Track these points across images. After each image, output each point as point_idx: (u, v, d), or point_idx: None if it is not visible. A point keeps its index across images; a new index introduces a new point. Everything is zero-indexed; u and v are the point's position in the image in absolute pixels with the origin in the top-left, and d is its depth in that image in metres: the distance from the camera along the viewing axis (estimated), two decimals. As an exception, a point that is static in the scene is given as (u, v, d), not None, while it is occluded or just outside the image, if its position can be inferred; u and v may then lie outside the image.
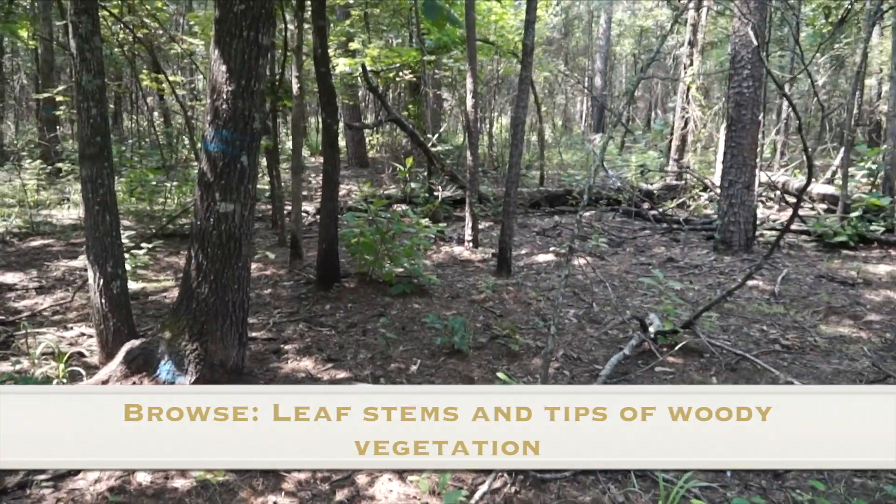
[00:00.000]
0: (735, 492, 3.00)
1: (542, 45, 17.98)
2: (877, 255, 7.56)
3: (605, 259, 7.36)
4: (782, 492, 3.00)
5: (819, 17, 14.48)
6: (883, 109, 13.40)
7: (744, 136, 7.39)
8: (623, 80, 27.04)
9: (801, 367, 4.46)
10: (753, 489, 3.03)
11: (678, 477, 2.93)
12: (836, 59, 16.17)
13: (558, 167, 14.06)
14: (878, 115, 15.00)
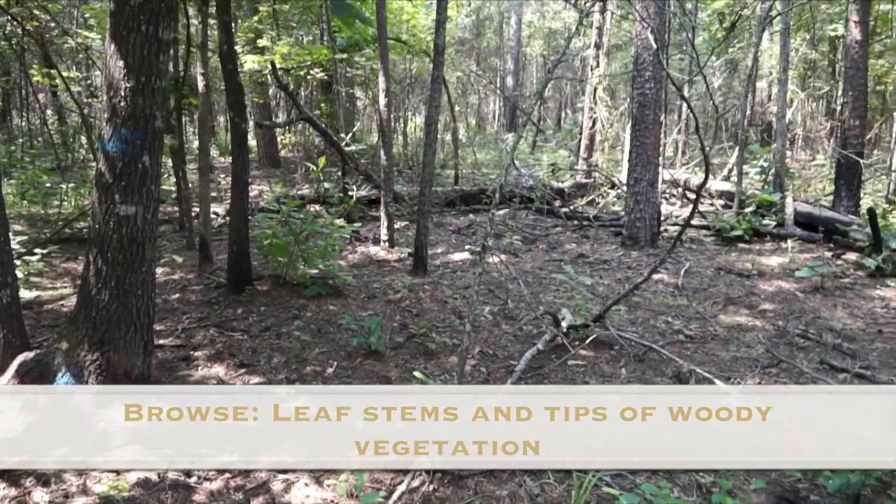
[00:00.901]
0: (643, 477, 3.12)
1: (455, 45, 18.14)
2: (769, 248, 8.06)
3: (519, 256, 7.51)
4: (687, 475, 3.15)
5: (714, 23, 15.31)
6: (773, 110, 14.29)
7: (647, 136, 7.71)
8: (534, 81, 27.65)
9: (703, 356, 4.69)
10: (660, 474, 3.16)
11: (588, 469, 3.02)
12: (731, 63, 17.14)
13: (473, 166, 14.21)
14: (769, 115, 15.98)
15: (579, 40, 18.53)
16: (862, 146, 9.41)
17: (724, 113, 14.88)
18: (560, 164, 12.00)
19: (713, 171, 12.66)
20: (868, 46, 9.85)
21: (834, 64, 15.86)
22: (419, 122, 16.37)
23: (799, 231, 8.27)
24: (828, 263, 7.09)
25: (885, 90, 15.88)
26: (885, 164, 12.15)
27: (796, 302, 5.97)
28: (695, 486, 3.05)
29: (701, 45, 14.38)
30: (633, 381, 4.21)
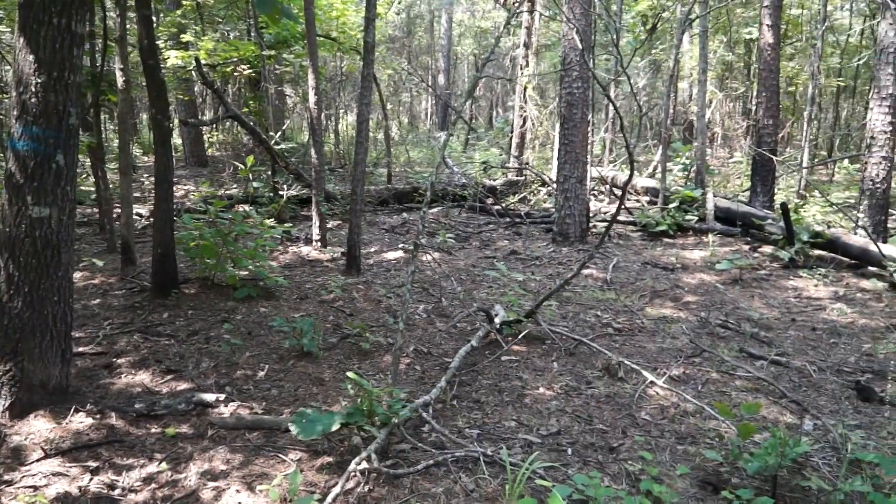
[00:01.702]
0: (575, 468, 3.19)
1: (385, 42, 18.05)
2: (692, 242, 8.38)
3: (453, 254, 7.55)
4: (616, 464, 3.24)
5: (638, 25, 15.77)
6: (694, 110, 14.86)
7: (575, 134, 7.87)
8: (465, 79, 27.83)
9: (631, 348, 4.84)
10: (591, 464, 3.24)
11: (524, 460, 3.07)
12: (654, 64, 17.71)
13: (405, 165, 14.20)
14: (690, 115, 16.60)
15: (509, 40, 18.77)
16: (775, 144, 9.90)
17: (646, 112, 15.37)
18: (492, 162, 12.13)
19: (639, 168, 13.07)
20: (780, 49, 10.36)
21: (749, 66, 16.60)
22: (351, 120, 16.22)
23: (719, 226, 8.63)
24: (745, 256, 7.43)
25: (796, 91, 16.75)
26: (797, 161, 12.81)
27: (717, 294, 6.23)
28: (624, 475, 3.14)
29: (626, 47, 14.80)
30: (564, 375, 4.30)
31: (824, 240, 7.21)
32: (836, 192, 11.47)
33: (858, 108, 16.71)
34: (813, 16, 15.56)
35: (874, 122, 7.68)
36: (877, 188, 7.69)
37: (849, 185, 12.14)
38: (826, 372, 4.46)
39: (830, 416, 3.82)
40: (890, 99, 7.56)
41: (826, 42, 15.36)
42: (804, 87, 15.01)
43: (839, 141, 17.42)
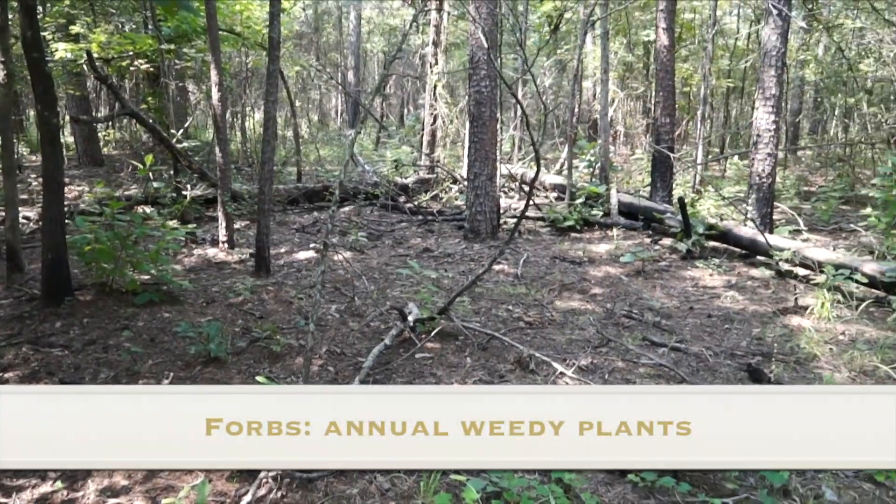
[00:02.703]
0: (489, 461, 3.24)
1: (292, 38, 17.69)
2: (598, 236, 8.69)
3: (365, 252, 7.49)
4: (529, 454, 3.31)
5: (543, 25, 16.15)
6: (597, 108, 15.39)
7: (484, 132, 7.99)
8: (375, 77, 27.67)
9: (541, 341, 4.96)
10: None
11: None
12: (559, 63, 18.22)
13: (316, 163, 13.97)
14: (594, 113, 17.19)
15: (418, 38, 18.81)
16: (673, 142, 10.40)
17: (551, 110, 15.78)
18: (403, 160, 12.12)
19: (547, 165, 13.42)
20: (675, 51, 10.89)
21: (648, 67, 17.36)
22: (258, 117, 15.79)
23: (623, 220, 8.99)
24: (647, 249, 7.77)
25: (691, 91, 17.66)
26: (692, 157, 13.51)
27: (622, 285, 6.48)
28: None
29: (532, 46, 15.14)
30: (478, 369, 4.36)
31: (718, 232, 7.64)
32: (727, 186, 12.16)
33: (746, 107, 17.79)
34: (704, 20, 16.44)
35: (760, 121, 8.20)
36: (763, 182, 8.21)
37: (739, 179, 12.91)
38: (721, 356, 4.73)
39: (725, 398, 4.05)
40: (773, 99, 8.09)
41: (716, 45, 16.26)
42: (698, 87, 15.83)
43: (730, 138, 18.51)
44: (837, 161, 15.87)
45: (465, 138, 11.03)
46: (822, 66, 17.07)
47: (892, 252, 6.95)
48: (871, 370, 4.51)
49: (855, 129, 18.12)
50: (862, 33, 16.49)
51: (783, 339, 5.11)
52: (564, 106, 16.25)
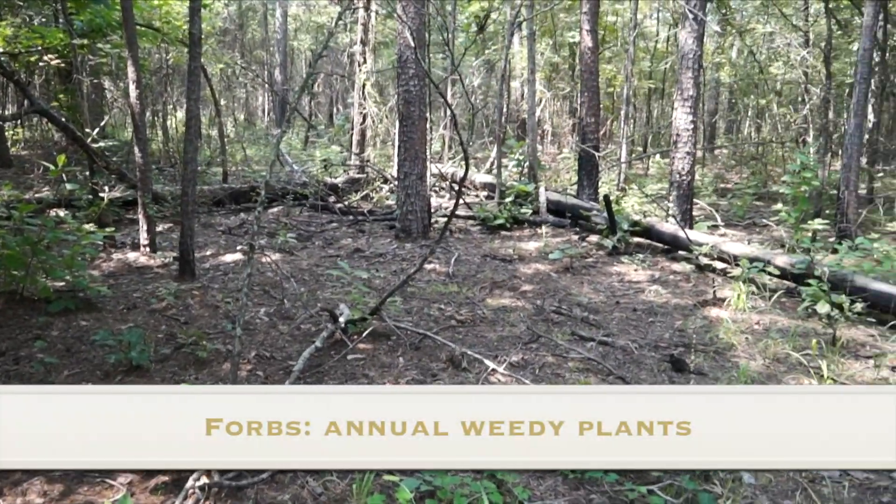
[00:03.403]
0: (423, 460, 3.24)
1: (216, 35, 17.21)
2: (527, 234, 8.82)
3: (295, 254, 7.37)
4: (462, 452, 3.33)
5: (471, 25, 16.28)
6: (525, 108, 15.64)
7: (414, 132, 7.98)
8: (303, 75, 27.23)
9: (473, 338, 5.00)
10: (438, 454, 3.30)
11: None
12: (488, 63, 18.41)
13: (242, 163, 13.63)
14: (523, 113, 17.45)
15: (346, 36, 18.62)
16: (598, 141, 10.67)
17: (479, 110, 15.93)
18: (333, 160, 11.98)
19: (477, 164, 13.54)
20: (599, 53, 11.17)
21: (573, 68, 17.76)
22: (181, 116, 15.27)
23: (551, 218, 9.16)
24: (575, 246, 7.95)
25: (614, 91, 18.17)
26: (617, 156, 13.91)
27: (551, 282, 6.61)
28: (469, 462, 3.24)
29: (461, 46, 15.23)
30: (410, 369, 4.36)
31: (642, 228, 7.89)
32: (650, 184, 12.59)
33: (667, 108, 18.45)
34: (626, 23, 16.94)
35: (679, 121, 8.52)
36: (683, 180, 8.54)
37: (661, 177, 13.39)
38: (645, 348, 4.89)
39: (650, 389, 4.19)
40: (691, 100, 8.42)
41: (638, 47, 16.79)
42: (621, 88, 16.29)
43: (652, 137, 19.15)
44: (751, 159, 16.68)
45: (395, 138, 11.01)
46: (736, 68, 17.90)
47: (802, 245, 7.35)
48: (784, 357, 4.76)
49: (766, 128, 19.08)
50: (772, 38, 17.37)
51: (703, 330, 5.32)
52: (493, 106, 16.43)
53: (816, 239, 7.98)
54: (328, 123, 22.00)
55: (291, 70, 25.40)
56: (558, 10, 16.33)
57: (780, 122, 17.71)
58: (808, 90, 14.61)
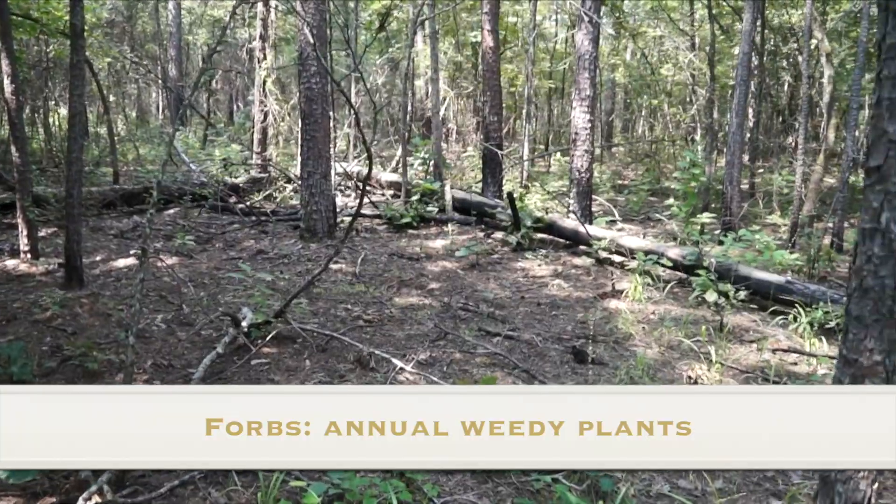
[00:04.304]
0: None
1: (103, 27, 16.26)
2: (434, 232, 8.87)
3: (194, 257, 7.08)
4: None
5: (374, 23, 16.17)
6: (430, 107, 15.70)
7: (317, 130, 7.85)
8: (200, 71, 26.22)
9: (381, 338, 4.97)
10: (347, 457, 3.27)
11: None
12: (392, 62, 18.36)
13: (135, 163, 12.97)
14: (427, 111, 17.53)
15: (245, 31, 18.06)
16: (501, 139, 10.87)
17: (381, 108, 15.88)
18: (233, 159, 11.60)
19: (383, 163, 13.48)
20: (500, 53, 11.38)
21: (476, 67, 18.00)
22: (64, 113, 14.32)
23: (457, 215, 9.25)
24: (481, 243, 8.06)
25: (516, 91, 18.57)
26: (520, 154, 14.23)
27: (458, 279, 6.68)
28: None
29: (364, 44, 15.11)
30: (317, 371, 4.28)
31: (544, 224, 8.11)
32: (552, 181, 12.96)
33: (567, 107, 19.04)
34: (526, 24, 17.35)
35: (577, 120, 8.81)
36: (582, 177, 8.84)
37: (562, 174, 13.80)
38: (549, 341, 5.03)
39: (553, 379, 4.31)
40: (588, 100, 8.72)
41: (538, 48, 17.23)
42: (522, 87, 16.68)
43: (553, 136, 19.72)
44: (645, 157, 17.50)
45: (298, 136, 10.79)
46: (630, 69, 18.72)
47: (691, 238, 7.78)
48: (677, 345, 5.02)
49: (659, 127, 20.08)
50: (662, 41, 18.29)
51: (603, 322, 5.53)
52: (398, 104, 16.41)
53: (704, 232, 8.48)
54: (228, 121, 21.28)
55: (187, 65, 24.36)
56: (460, 10, 16.51)
57: (671, 121, 18.68)
58: (695, 91, 15.49)
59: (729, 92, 14.05)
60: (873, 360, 1.94)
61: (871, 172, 1.88)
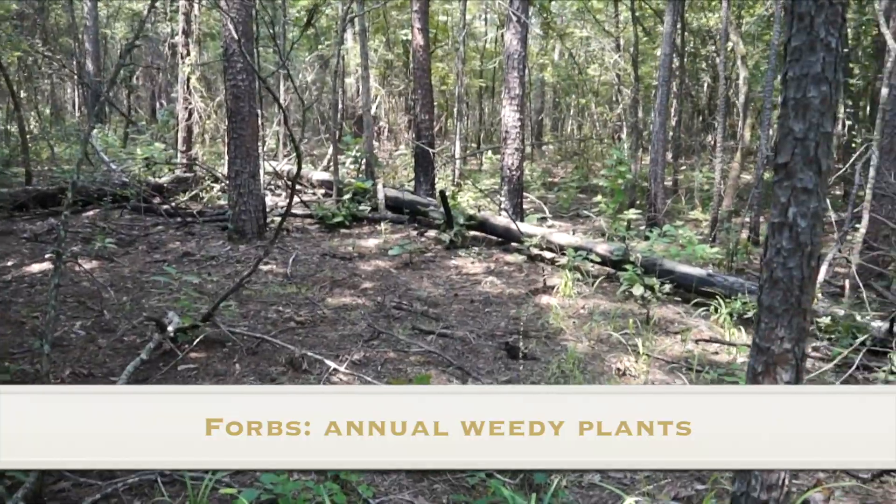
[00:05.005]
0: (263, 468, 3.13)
1: (12, 19, 15.40)
2: (367, 231, 8.81)
3: (115, 261, 6.79)
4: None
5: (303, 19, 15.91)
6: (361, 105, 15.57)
7: (245, 128, 7.66)
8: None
9: (313, 339, 4.91)
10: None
11: (205, 474, 2.90)
12: (321, 59, 18.12)
13: (50, 162, 12.34)
14: (359, 109, 17.39)
15: (168, 26, 17.45)
16: (433, 137, 10.90)
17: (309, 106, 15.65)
18: (157, 158, 11.18)
19: (314, 161, 13.31)
20: (431, 51, 11.40)
21: (408, 65, 17.98)
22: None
23: (390, 214, 9.22)
24: (414, 241, 8.06)
25: (447, 89, 18.65)
26: (451, 152, 14.30)
27: (391, 278, 6.66)
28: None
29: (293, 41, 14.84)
30: (248, 375, 4.19)
31: (477, 222, 8.18)
32: (484, 179, 13.09)
33: (497, 106, 19.26)
34: (456, 23, 17.44)
35: (507, 119, 8.93)
36: (513, 175, 8.96)
37: (494, 172, 13.95)
38: (483, 338, 5.08)
39: (487, 376, 4.36)
40: (517, 99, 8.85)
41: (468, 47, 17.35)
42: (454, 86, 16.76)
43: (484, 134, 19.91)
44: (574, 155, 17.90)
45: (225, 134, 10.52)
46: (558, 69, 19.10)
47: (619, 234, 8.01)
48: (606, 338, 5.16)
49: (587, 126, 20.56)
50: (588, 42, 18.73)
51: (535, 317, 5.63)
52: (328, 102, 16.22)
53: (631, 227, 8.74)
54: (151, 119, 20.52)
55: (105, 60, 23.35)
56: (390, 8, 16.45)
57: (599, 120, 19.17)
58: (621, 91, 15.94)
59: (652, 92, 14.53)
60: (784, 348, 2.05)
61: (779, 169, 1.98)
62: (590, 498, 3.08)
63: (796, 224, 1.95)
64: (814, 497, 2.90)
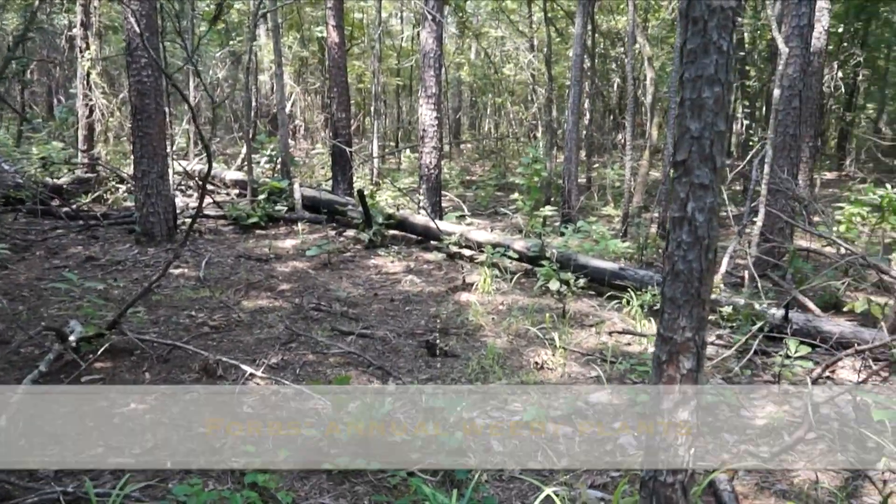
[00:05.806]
0: (176, 480, 3.01)
1: None
2: (284, 232, 8.63)
3: (10, 267, 6.37)
4: (221, 464, 3.16)
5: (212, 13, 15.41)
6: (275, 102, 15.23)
7: (151, 126, 7.35)
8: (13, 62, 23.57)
9: (229, 344, 4.77)
10: (194, 471, 3.10)
11: (115, 487, 2.77)
12: (233, 55, 17.60)
13: (-66, 163, 11.41)
14: (273, 107, 16.99)
15: (65, 17, 16.49)
16: (350, 136, 10.79)
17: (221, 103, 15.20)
18: (55, 158, 10.56)
19: (227, 161, 12.91)
20: (346, 49, 11.28)
21: (323, 62, 17.73)
22: None
23: (307, 214, 9.06)
24: (332, 241, 7.95)
25: (364, 87, 18.50)
26: (369, 151, 14.21)
27: (309, 279, 6.55)
28: (229, 473, 3.09)
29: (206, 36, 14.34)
30: (158, 384, 4.02)
31: (396, 221, 8.16)
32: (402, 178, 13.07)
33: (415, 104, 19.27)
34: (372, 20, 17.33)
35: (424, 117, 8.95)
36: (431, 173, 8.99)
37: (412, 171, 13.97)
38: (403, 336, 5.08)
39: (408, 375, 4.36)
40: (434, 97, 8.88)
41: (384, 45, 17.28)
42: (370, 84, 16.66)
43: (402, 133, 19.89)
44: (491, 153, 18.15)
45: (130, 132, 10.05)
46: (475, 68, 19.30)
47: (535, 230, 8.18)
48: (524, 333, 5.26)
49: (504, 124, 20.88)
50: (503, 42, 19.03)
51: (455, 314, 5.67)
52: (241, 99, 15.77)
53: (547, 224, 8.95)
54: (48, 116, 19.35)
55: (-4, 54, 21.82)
56: (304, 4, 16.17)
57: (515, 118, 19.50)
58: (536, 90, 16.27)
59: (566, 92, 14.91)
60: (685, 337, 2.15)
61: (678, 166, 2.07)
62: (510, 490, 3.13)
63: (695, 218, 2.05)
64: (719, 478, 3.05)
